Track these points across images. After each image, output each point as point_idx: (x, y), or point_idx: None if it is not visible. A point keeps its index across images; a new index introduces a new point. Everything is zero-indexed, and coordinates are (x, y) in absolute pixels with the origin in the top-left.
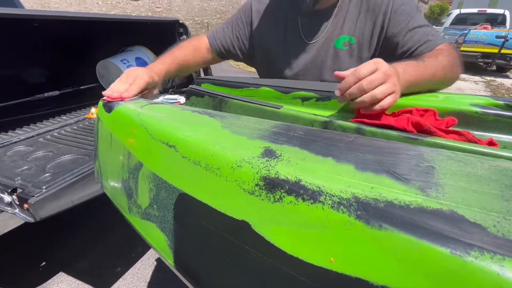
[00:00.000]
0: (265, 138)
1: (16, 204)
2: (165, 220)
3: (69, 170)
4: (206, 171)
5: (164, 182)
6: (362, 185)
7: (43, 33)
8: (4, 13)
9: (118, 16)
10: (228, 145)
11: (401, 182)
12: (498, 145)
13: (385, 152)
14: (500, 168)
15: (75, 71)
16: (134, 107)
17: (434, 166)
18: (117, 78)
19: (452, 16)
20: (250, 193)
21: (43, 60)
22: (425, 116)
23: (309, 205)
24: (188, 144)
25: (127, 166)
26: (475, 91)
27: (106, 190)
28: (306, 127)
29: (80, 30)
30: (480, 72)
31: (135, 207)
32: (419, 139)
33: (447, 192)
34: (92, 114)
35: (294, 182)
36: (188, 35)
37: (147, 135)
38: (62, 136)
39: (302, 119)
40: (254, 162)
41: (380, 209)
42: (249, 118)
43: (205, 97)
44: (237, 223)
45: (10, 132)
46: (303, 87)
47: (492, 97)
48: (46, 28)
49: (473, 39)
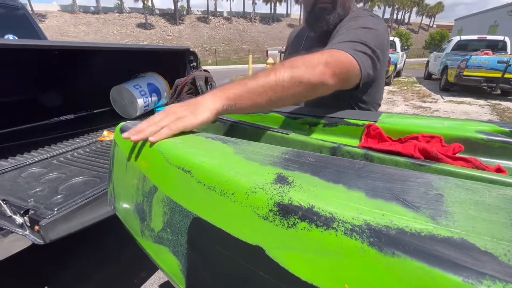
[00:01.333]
0: (277, 164)
1: (27, 226)
2: (179, 244)
3: (81, 192)
4: (221, 196)
5: (179, 206)
6: (373, 212)
7: (62, 60)
8: (28, 44)
9: (132, 45)
10: (242, 171)
11: (411, 210)
12: (506, 172)
13: (394, 179)
14: (508, 196)
15: (90, 96)
16: None
17: (443, 194)
18: (129, 102)
19: (453, 43)
20: (264, 219)
21: (60, 85)
22: (432, 142)
23: (322, 231)
24: (203, 169)
25: (141, 190)
26: (481, 114)
27: (119, 213)
28: (316, 154)
29: (96, 58)
30: (485, 95)
31: (148, 230)
32: (427, 166)
33: (457, 220)
34: (104, 136)
35: (307, 208)
36: (198, 62)
37: (163, 160)
38: (74, 158)
39: (310, 144)
40: (268, 188)
41: (392, 236)
42: (260, 145)
43: (216, 123)
44: (251, 248)
45: (25, 154)
46: (311, 113)
47: (496, 124)
48: (64, 55)
49: (475, 64)
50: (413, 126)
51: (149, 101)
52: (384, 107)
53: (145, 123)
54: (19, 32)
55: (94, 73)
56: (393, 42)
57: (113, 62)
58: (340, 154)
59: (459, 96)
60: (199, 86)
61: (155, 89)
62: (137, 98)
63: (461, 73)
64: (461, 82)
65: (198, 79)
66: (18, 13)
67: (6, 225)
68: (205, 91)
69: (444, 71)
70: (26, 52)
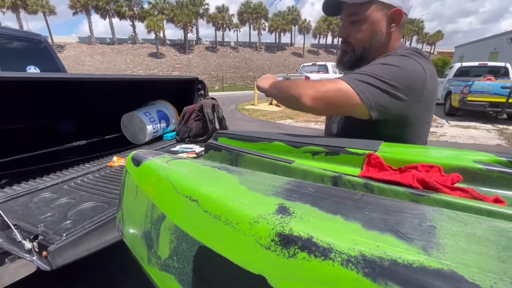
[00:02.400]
0: (279, 195)
1: (35, 251)
2: (184, 272)
3: (89, 218)
4: (226, 226)
5: (186, 234)
6: (368, 243)
7: (77, 89)
8: (47, 77)
9: (144, 76)
10: (246, 201)
11: (404, 241)
12: (505, 202)
13: (390, 211)
14: (498, 229)
15: (102, 123)
16: (161, 162)
17: (436, 226)
18: (139, 128)
19: (454, 69)
20: (267, 248)
21: (74, 113)
22: (431, 172)
23: (320, 261)
24: (210, 199)
25: (150, 217)
26: (489, 139)
27: (126, 239)
28: (316, 184)
29: (109, 87)
30: (492, 120)
31: (155, 258)
32: (426, 196)
33: (448, 252)
34: (114, 162)
35: (306, 238)
36: (205, 90)
37: (171, 189)
38: (84, 184)
39: (312, 173)
40: (270, 218)
41: (386, 267)
42: (264, 174)
43: (222, 151)
44: (254, 278)
45: (38, 179)
46: (313, 142)
47: (495, 154)
48: (79, 85)
49: (478, 89)
50: (412, 155)
51: (158, 127)
52: None
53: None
54: (40, 63)
55: (107, 101)
56: None
57: (126, 91)
58: (342, 183)
59: (465, 120)
60: (206, 114)
61: (164, 116)
62: (147, 124)
63: (465, 98)
64: (465, 107)
65: (205, 106)
66: (40, 45)
67: (15, 250)
68: (212, 118)
69: (447, 96)
70: (44, 83)
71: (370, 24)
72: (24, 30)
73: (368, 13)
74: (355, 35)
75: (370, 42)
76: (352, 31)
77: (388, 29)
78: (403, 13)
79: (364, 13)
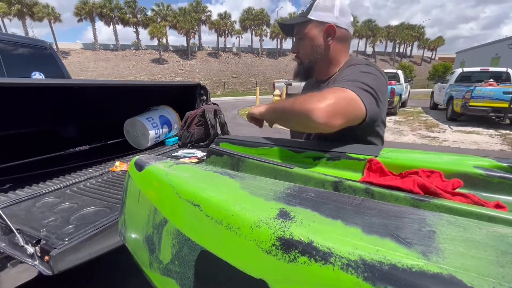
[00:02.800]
0: (280, 199)
1: (37, 256)
2: (186, 277)
3: (91, 222)
4: (227, 230)
5: (187, 239)
6: (368, 247)
7: (80, 95)
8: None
9: (146, 82)
10: (247, 206)
11: (404, 246)
12: (506, 208)
13: (390, 216)
14: (497, 234)
15: (105, 128)
16: (163, 167)
17: (435, 231)
18: (141, 133)
19: (456, 74)
20: (268, 253)
21: (77, 118)
22: (432, 177)
23: (321, 265)
24: (211, 204)
25: (152, 222)
26: (492, 144)
27: (128, 244)
28: (317, 189)
29: (112, 92)
30: (494, 125)
31: (156, 262)
32: (426, 201)
33: (447, 257)
34: (116, 167)
35: (307, 243)
36: (207, 95)
37: (174, 193)
38: (87, 188)
39: (313, 178)
40: (271, 223)
41: (385, 272)
42: (265, 179)
43: (224, 156)
44: (255, 282)
45: (41, 184)
46: (314, 147)
47: (495, 159)
48: (82, 91)
49: (480, 94)
50: (413, 161)
51: (160, 132)
52: (391, 137)
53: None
54: (45, 69)
55: (110, 106)
56: (396, 74)
57: (128, 97)
58: (342, 189)
59: (467, 126)
60: (208, 119)
61: (166, 121)
62: (149, 129)
63: (467, 103)
64: (467, 112)
65: (207, 112)
66: (45, 52)
67: (17, 255)
68: (214, 123)
69: (449, 102)
70: (48, 89)
71: (310, 39)
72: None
73: (307, 31)
74: (301, 50)
75: (313, 54)
76: (299, 47)
77: (326, 42)
78: (337, 28)
79: (304, 31)
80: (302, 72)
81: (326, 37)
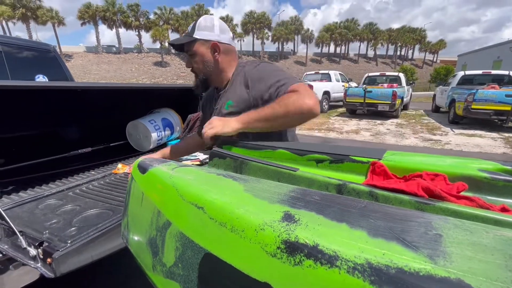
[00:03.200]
0: (284, 202)
1: (40, 258)
2: (189, 279)
3: (93, 225)
4: (232, 233)
5: (191, 242)
6: (374, 251)
7: (83, 97)
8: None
9: (149, 85)
10: (251, 209)
11: (410, 249)
12: (511, 211)
13: (395, 219)
14: (504, 238)
15: (107, 130)
16: (167, 170)
17: (442, 234)
18: (144, 136)
19: (458, 77)
20: (272, 256)
21: (80, 121)
22: (436, 180)
23: (326, 269)
24: (215, 206)
25: (155, 224)
26: (494, 147)
27: (131, 247)
28: (321, 192)
29: (114, 95)
30: (497, 128)
31: (160, 265)
32: (431, 204)
33: (454, 261)
34: (118, 169)
35: (312, 246)
36: None
37: (177, 196)
38: (89, 191)
39: (317, 181)
40: (276, 225)
41: (392, 276)
42: (269, 182)
43: (226, 159)
44: (260, 285)
45: (44, 186)
46: (317, 150)
47: (500, 162)
48: (85, 93)
49: (482, 98)
50: (416, 164)
51: (163, 135)
52: (393, 140)
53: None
54: (49, 72)
55: (113, 109)
56: (398, 77)
57: (131, 99)
58: (346, 192)
59: (470, 128)
60: None
61: (168, 124)
62: (152, 132)
63: (469, 106)
64: (470, 115)
65: None
66: (49, 55)
67: (19, 257)
68: None
69: (451, 104)
70: (51, 92)
71: (200, 56)
72: (34, 40)
73: (195, 49)
74: (195, 65)
75: (205, 68)
76: (193, 63)
77: (214, 57)
78: (220, 44)
79: (193, 49)
80: (200, 84)
81: (213, 52)
